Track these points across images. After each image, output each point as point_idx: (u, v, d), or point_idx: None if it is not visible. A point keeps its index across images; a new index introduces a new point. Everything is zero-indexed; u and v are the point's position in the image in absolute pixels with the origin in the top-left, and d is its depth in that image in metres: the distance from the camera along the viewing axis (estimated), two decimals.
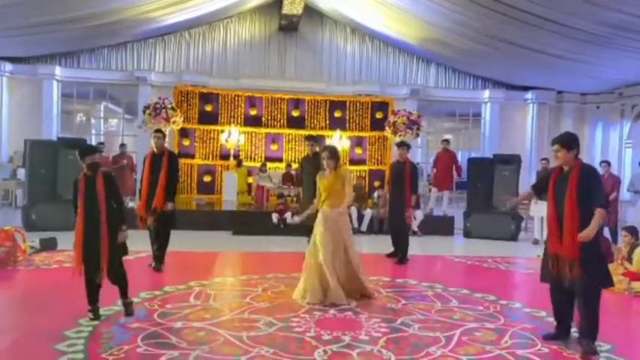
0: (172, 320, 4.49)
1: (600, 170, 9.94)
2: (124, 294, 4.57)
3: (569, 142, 4.13)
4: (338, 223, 5.26)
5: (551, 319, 4.84)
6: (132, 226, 5.04)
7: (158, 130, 6.66)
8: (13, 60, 13.64)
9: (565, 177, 4.12)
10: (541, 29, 10.32)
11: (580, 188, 4.00)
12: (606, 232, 8.77)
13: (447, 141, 12.37)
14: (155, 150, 6.35)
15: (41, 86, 13.79)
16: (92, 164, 4.42)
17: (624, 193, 10.58)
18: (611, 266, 6.86)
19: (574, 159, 4.11)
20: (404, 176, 7.44)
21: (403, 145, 7.77)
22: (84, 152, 4.46)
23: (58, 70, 13.93)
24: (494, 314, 5.03)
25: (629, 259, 6.60)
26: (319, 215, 5.36)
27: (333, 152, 5.43)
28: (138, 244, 6.13)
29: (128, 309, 4.57)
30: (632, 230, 6.86)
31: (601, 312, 4.04)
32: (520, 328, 4.58)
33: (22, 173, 11.90)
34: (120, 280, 4.53)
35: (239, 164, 12.64)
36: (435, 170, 12.16)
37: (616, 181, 10.02)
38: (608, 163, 10.27)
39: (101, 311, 4.51)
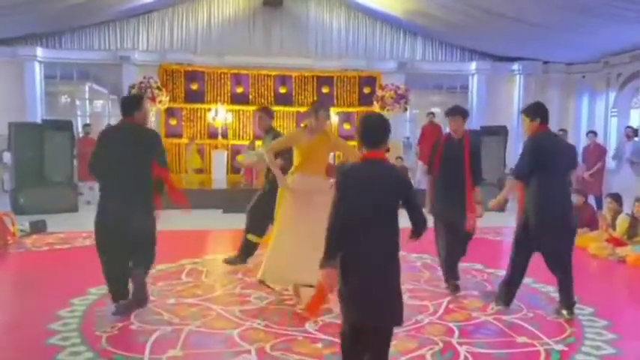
0: (165, 297, 4.55)
1: (587, 140, 10.06)
2: None
3: None
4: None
5: (537, 286, 4.97)
6: None
7: None
8: None
9: None
10: None
11: None
12: (591, 200, 8.90)
13: (432, 114, 12.30)
14: None
15: (23, 68, 13.49)
16: None
17: (610, 162, 10.70)
18: (595, 233, 7.05)
19: None
20: (461, 160, 5.02)
21: (454, 114, 5.00)
22: None
23: (40, 51, 13.63)
24: (482, 282, 5.15)
25: (613, 226, 6.75)
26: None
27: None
28: None
29: None
30: (616, 197, 7.03)
31: (585, 276, 4.05)
32: None
33: (7, 157, 11.76)
34: None
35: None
36: (421, 144, 12.17)
37: (601, 151, 10.16)
38: (595, 134, 10.37)
39: (94, 290, 4.55)
